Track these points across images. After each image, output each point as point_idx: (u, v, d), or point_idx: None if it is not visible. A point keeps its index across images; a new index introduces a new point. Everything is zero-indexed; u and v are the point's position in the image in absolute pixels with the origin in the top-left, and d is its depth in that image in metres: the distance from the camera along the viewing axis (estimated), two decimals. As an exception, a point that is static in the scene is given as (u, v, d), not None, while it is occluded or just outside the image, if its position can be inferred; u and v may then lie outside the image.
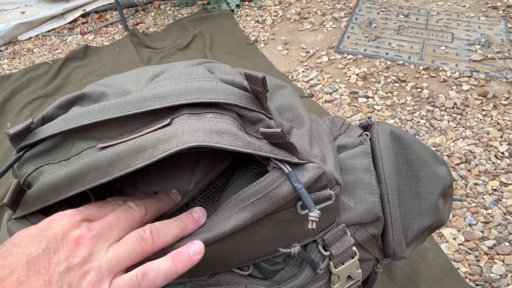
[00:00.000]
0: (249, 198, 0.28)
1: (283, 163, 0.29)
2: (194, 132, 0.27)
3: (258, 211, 0.28)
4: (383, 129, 0.43)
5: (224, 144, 0.27)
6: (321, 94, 1.21)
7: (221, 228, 0.29)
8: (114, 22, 1.76)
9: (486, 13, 1.49)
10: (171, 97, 0.30)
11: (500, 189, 0.89)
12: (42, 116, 0.34)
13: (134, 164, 0.27)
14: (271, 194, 0.28)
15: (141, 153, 0.27)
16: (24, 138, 0.32)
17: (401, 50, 1.35)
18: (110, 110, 0.30)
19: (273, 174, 0.29)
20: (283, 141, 0.29)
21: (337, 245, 0.35)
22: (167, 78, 0.34)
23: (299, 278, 0.35)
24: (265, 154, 0.28)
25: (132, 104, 0.30)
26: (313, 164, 0.30)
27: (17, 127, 0.31)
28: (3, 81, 1.43)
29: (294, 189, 0.28)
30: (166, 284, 0.34)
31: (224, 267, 0.34)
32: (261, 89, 0.31)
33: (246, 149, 0.27)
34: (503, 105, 1.10)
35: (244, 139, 0.28)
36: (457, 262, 0.77)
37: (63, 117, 0.32)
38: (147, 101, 0.30)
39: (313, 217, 0.28)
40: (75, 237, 0.25)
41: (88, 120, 0.30)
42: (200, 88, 0.31)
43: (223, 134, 0.27)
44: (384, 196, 0.40)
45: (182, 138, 0.27)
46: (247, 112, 0.31)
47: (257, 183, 0.29)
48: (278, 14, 1.65)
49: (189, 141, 0.26)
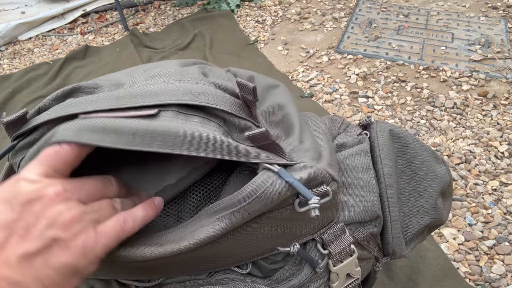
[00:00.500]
0: (246, 199, 0.28)
1: (272, 164, 0.29)
2: (179, 137, 0.27)
3: (254, 210, 0.28)
4: (382, 128, 0.43)
5: (206, 153, 0.28)
6: (321, 94, 1.21)
7: (214, 229, 0.29)
8: (114, 22, 1.76)
9: (486, 13, 1.49)
10: (163, 96, 0.30)
11: (500, 189, 0.89)
12: (38, 107, 0.34)
13: (105, 142, 0.27)
14: (266, 192, 0.28)
15: (119, 135, 0.27)
16: (19, 128, 0.32)
17: (401, 50, 1.35)
18: (102, 101, 0.31)
19: (264, 173, 0.29)
20: (269, 142, 0.30)
21: (336, 243, 0.35)
22: (161, 75, 0.34)
23: (299, 277, 0.35)
24: (250, 160, 0.29)
25: (123, 98, 0.31)
26: (302, 164, 0.31)
27: (12, 116, 0.31)
28: (3, 81, 1.43)
29: (288, 184, 0.28)
30: (165, 283, 0.34)
31: (223, 265, 0.34)
32: (251, 98, 0.31)
33: (229, 156, 0.28)
34: (503, 105, 1.10)
35: (227, 147, 0.28)
36: (457, 262, 0.77)
37: (56, 106, 0.32)
38: (139, 97, 0.30)
39: (314, 204, 0.28)
40: (51, 195, 0.26)
41: (79, 109, 0.30)
42: (192, 91, 0.31)
43: (206, 142, 0.28)
44: (383, 195, 0.40)
45: (166, 139, 0.27)
46: (235, 119, 0.32)
47: (252, 183, 0.29)
48: (278, 14, 1.65)
49: (172, 147, 0.27)
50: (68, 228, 0.25)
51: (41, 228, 0.24)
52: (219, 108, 0.31)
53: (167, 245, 0.29)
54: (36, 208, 0.25)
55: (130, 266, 0.31)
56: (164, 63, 0.37)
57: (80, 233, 0.25)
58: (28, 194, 0.25)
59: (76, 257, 0.25)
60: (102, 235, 0.26)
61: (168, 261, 0.30)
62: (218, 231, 0.28)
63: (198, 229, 0.29)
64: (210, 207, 0.30)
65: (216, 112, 0.31)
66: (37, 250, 0.24)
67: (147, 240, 0.30)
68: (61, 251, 0.24)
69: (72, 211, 0.26)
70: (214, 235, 0.29)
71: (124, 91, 0.31)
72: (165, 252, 0.29)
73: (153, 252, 0.29)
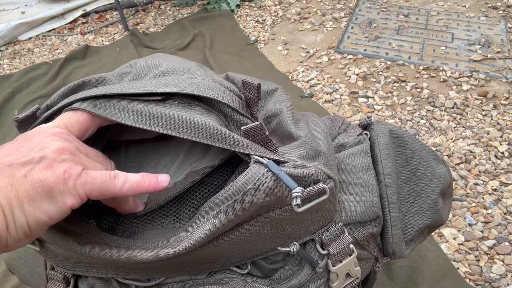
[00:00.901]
0: (238, 193, 0.28)
1: (262, 157, 0.30)
2: (178, 121, 0.30)
3: (248, 203, 0.28)
4: (383, 128, 0.43)
5: (200, 137, 0.29)
6: (321, 94, 1.21)
7: (211, 226, 0.28)
8: (114, 22, 1.76)
9: (486, 13, 1.49)
10: (171, 86, 0.32)
11: (500, 189, 0.89)
12: (46, 105, 0.35)
13: (115, 117, 0.30)
14: (258, 184, 0.28)
15: (124, 112, 0.30)
16: (30, 125, 0.33)
17: (401, 50, 1.35)
18: (113, 88, 0.32)
19: (255, 167, 0.29)
20: (264, 137, 0.30)
21: (335, 243, 0.35)
22: (170, 72, 0.35)
23: (299, 277, 0.35)
24: (241, 150, 0.30)
25: (133, 86, 0.32)
26: (294, 162, 0.31)
27: (25, 112, 0.33)
28: (3, 81, 1.44)
29: (276, 176, 0.29)
30: (165, 283, 0.34)
31: (222, 265, 0.33)
32: (254, 97, 0.32)
33: (221, 144, 0.29)
34: (503, 105, 1.10)
35: (220, 135, 0.29)
36: (457, 262, 0.77)
37: (63, 100, 0.34)
38: (148, 86, 0.32)
39: (296, 193, 0.28)
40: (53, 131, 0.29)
41: (90, 94, 0.32)
42: (199, 84, 0.33)
43: (202, 128, 0.29)
44: (384, 195, 0.40)
45: (167, 121, 0.30)
46: (236, 115, 0.33)
47: (243, 176, 0.29)
48: (278, 14, 1.65)
49: (171, 128, 0.29)
50: (58, 153, 0.26)
51: (34, 148, 0.26)
52: (223, 101, 0.32)
53: (166, 248, 0.29)
54: (36, 138, 0.27)
55: (130, 266, 0.31)
56: (170, 63, 0.37)
57: (68, 161, 0.27)
58: (35, 130, 0.28)
59: (57, 179, 0.25)
60: (89, 175, 0.27)
61: (168, 262, 0.30)
62: (215, 227, 0.28)
63: (195, 229, 0.29)
64: (204, 206, 0.30)
65: (219, 106, 0.33)
66: (23, 162, 0.25)
67: (147, 245, 0.30)
68: (44, 169, 0.25)
69: (66, 144, 0.27)
70: (212, 232, 0.28)
71: (133, 83, 0.33)
72: (165, 255, 0.29)
73: (152, 255, 0.29)
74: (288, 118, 0.37)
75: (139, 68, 0.37)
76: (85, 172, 0.27)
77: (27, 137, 0.27)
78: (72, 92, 0.36)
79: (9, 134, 1.20)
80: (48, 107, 0.35)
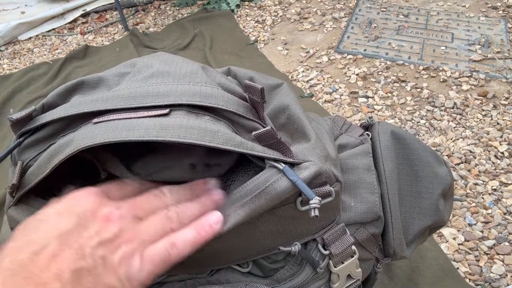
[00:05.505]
0: (248, 195, 0.28)
1: (277, 161, 0.29)
2: (190, 129, 0.28)
3: (257, 206, 0.28)
4: (384, 129, 0.43)
5: (217, 143, 0.28)
6: (321, 94, 1.21)
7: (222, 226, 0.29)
8: (114, 22, 1.76)
9: (486, 13, 1.49)
10: (173, 96, 0.31)
11: (500, 189, 0.89)
12: (42, 104, 0.34)
13: (120, 137, 0.27)
14: (269, 189, 0.28)
15: (131, 131, 0.27)
16: (25, 125, 0.32)
17: (401, 50, 1.35)
18: (114, 101, 0.31)
19: (269, 170, 0.29)
20: (276, 141, 0.30)
21: (337, 244, 0.35)
22: (170, 74, 0.34)
23: (299, 277, 0.35)
24: (258, 154, 0.29)
25: (135, 98, 0.31)
26: (308, 162, 0.31)
27: (20, 113, 0.32)
28: (3, 81, 1.43)
29: (292, 182, 0.28)
30: (166, 282, 0.34)
31: (224, 263, 0.34)
32: (259, 100, 0.32)
33: (238, 148, 0.28)
34: (503, 105, 1.10)
35: (236, 140, 0.29)
36: (457, 262, 0.77)
37: (65, 105, 0.33)
38: (150, 97, 0.31)
39: (314, 204, 0.28)
40: (105, 214, 0.26)
41: (90, 108, 0.31)
42: (202, 93, 0.32)
43: (217, 134, 0.28)
44: (385, 196, 0.40)
45: (177, 132, 0.27)
46: (244, 120, 0.32)
47: (255, 179, 0.29)
48: (278, 14, 1.65)
49: (184, 136, 0.27)
50: (117, 250, 0.25)
51: (93, 245, 0.24)
52: (228, 109, 0.32)
53: None
54: (89, 224, 0.25)
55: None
56: (170, 64, 0.37)
57: (128, 258, 0.25)
58: (85, 207, 0.26)
59: (122, 281, 0.25)
60: (148, 260, 0.26)
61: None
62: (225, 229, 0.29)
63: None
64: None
65: (225, 114, 0.32)
66: (89, 268, 0.24)
67: None
68: (108, 272, 0.24)
69: (123, 233, 0.26)
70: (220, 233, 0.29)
71: (134, 91, 0.32)
72: None
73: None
74: (300, 113, 0.36)
75: (139, 68, 0.36)
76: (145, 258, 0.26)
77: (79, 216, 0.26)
78: (70, 91, 0.35)
79: (9, 134, 1.20)
80: (44, 106, 0.34)
